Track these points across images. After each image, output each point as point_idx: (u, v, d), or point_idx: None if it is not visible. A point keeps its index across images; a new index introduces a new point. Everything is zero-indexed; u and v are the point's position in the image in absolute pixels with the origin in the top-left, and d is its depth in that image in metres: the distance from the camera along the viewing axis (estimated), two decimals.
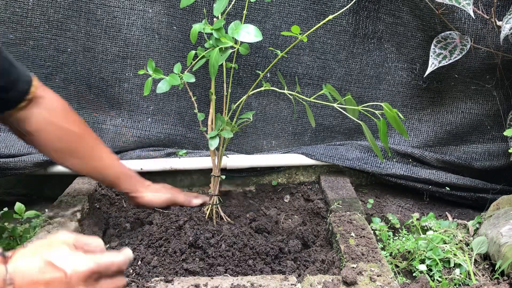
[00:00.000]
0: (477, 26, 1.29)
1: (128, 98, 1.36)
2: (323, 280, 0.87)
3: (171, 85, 0.98)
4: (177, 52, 1.33)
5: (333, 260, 1.01)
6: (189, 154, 1.38)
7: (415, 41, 1.34)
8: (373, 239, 1.03)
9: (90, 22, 1.28)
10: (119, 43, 1.30)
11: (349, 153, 1.39)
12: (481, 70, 1.34)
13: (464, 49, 1.22)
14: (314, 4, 1.30)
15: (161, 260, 1.05)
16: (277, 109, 1.41)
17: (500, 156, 1.41)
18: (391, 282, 0.87)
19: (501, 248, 1.02)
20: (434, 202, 1.43)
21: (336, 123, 1.42)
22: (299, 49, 1.34)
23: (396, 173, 1.37)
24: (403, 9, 1.31)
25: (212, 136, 1.02)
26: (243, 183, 1.43)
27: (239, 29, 0.89)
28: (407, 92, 1.40)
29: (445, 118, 1.41)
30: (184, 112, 1.39)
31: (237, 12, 1.28)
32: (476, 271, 1.05)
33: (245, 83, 1.36)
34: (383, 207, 1.38)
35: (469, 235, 1.19)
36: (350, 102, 1.00)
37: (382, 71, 1.38)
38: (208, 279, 0.89)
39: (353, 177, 1.45)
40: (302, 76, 1.37)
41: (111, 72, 1.33)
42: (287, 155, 1.40)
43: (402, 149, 1.38)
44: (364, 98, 1.39)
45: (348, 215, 1.14)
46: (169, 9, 1.29)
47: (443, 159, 1.38)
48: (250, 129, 1.42)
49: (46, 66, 1.30)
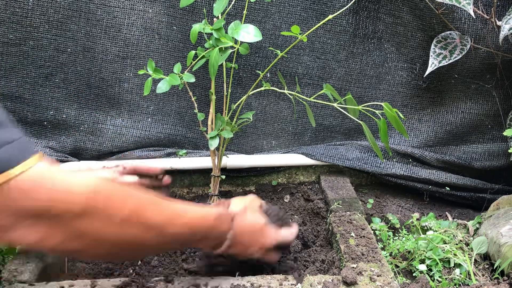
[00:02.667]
0: (477, 26, 1.29)
1: (128, 98, 1.36)
2: (323, 280, 0.87)
3: (171, 85, 0.98)
4: (177, 52, 1.33)
5: (333, 260, 1.01)
6: (189, 154, 1.38)
7: (415, 41, 1.34)
8: (373, 239, 1.03)
9: (90, 22, 1.28)
10: (119, 43, 1.30)
11: (349, 153, 1.39)
12: (481, 70, 1.35)
13: (464, 49, 1.22)
14: (314, 4, 1.30)
15: (161, 260, 1.05)
16: (277, 109, 1.41)
17: (500, 156, 1.41)
18: (391, 282, 0.87)
19: (501, 248, 1.02)
20: (434, 202, 1.43)
21: (336, 123, 1.42)
22: (299, 49, 1.34)
23: (396, 173, 1.37)
24: (403, 9, 1.31)
25: (212, 136, 1.02)
26: (243, 183, 1.43)
27: (239, 29, 0.90)
28: (407, 92, 1.40)
29: (445, 118, 1.41)
30: (184, 112, 1.39)
31: (237, 12, 1.28)
32: (476, 271, 1.05)
33: (245, 83, 1.36)
34: (383, 207, 1.38)
35: (469, 235, 1.19)
36: (351, 102, 1.00)
37: (382, 71, 1.38)
38: (208, 279, 0.89)
39: (353, 177, 1.45)
40: (302, 76, 1.37)
41: (111, 72, 1.33)
42: (287, 155, 1.40)
43: (402, 149, 1.38)
44: (364, 98, 1.39)
45: (348, 215, 1.14)
46: (169, 9, 1.29)
47: (443, 159, 1.38)
48: (250, 129, 1.42)
49: (46, 66, 1.30)
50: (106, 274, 1.03)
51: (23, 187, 0.57)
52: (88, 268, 1.04)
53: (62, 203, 0.60)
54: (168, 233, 0.73)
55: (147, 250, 0.77)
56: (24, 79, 1.30)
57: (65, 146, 1.35)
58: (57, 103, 1.33)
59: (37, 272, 0.95)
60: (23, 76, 1.30)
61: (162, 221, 0.72)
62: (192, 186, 1.42)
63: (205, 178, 1.41)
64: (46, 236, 0.61)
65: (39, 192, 0.59)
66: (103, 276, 1.02)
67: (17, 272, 0.93)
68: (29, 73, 1.30)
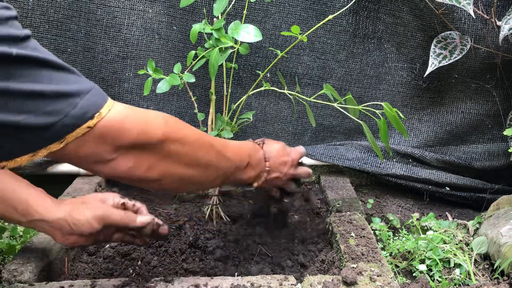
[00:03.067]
0: (477, 26, 1.29)
1: (128, 98, 1.36)
2: (323, 280, 0.87)
3: (171, 85, 0.98)
4: (177, 52, 1.33)
5: (333, 260, 1.01)
6: None
7: (415, 41, 1.34)
8: (373, 239, 1.03)
9: (90, 22, 1.28)
10: (119, 43, 1.30)
11: (349, 153, 1.39)
12: (481, 70, 1.35)
13: (464, 49, 1.22)
14: (314, 4, 1.30)
15: (161, 260, 1.05)
16: (277, 109, 1.41)
17: (500, 156, 1.41)
18: (391, 282, 0.87)
19: (501, 248, 1.02)
20: (434, 202, 1.43)
21: (336, 123, 1.42)
22: (299, 49, 1.34)
23: (396, 173, 1.37)
24: (403, 9, 1.31)
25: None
26: None
27: (239, 29, 0.90)
28: (407, 92, 1.40)
29: (445, 118, 1.41)
30: (184, 112, 1.39)
31: (237, 12, 1.28)
32: (476, 271, 1.05)
33: (245, 83, 1.36)
34: (383, 207, 1.38)
35: (469, 235, 1.19)
36: (351, 102, 1.00)
37: (382, 71, 1.38)
38: (208, 279, 0.89)
39: (353, 177, 1.45)
40: (302, 76, 1.37)
41: (111, 72, 1.33)
42: None
43: (402, 149, 1.38)
44: (364, 98, 1.39)
45: (348, 215, 1.14)
46: (169, 9, 1.29)
47: (443, 159, 1.38)
48: (250, 129, 1.42)
49: None
50: (106, 274, 1.03)
51: (114, 123, 0.65)
52: (88, 268, 1.04)
53: (147, 134, 0.69)
54: (225, 156, 0.84)
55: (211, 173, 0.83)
56: None
57: None
58: None
59: (37, 272, 0.95)
60: None
61: (219, 144, 0.83)
62: None
63: None
64: (136, 165, 0.70)
65: (128, 126, 0.67)
66: (103, 276, 1.02)
67: (17, 272, 0.93)
68: None
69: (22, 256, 0.98)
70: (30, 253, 0.99)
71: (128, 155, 0.68)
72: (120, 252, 1.08)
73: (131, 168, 0.70)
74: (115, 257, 1.08)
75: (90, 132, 0.63)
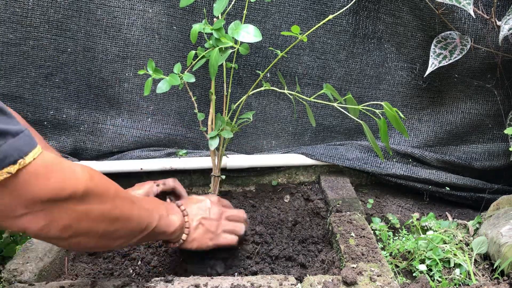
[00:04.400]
0: (477, 26, 1.29)
1: (128, 98, 1.36)
2: (323, 280, 0.87)
3: (171, 85, 0.98)
4: (177, 52, 1.33)
5: (333, 260, 1.01)
6: (189, 154, 1.38)
7: (415, 41, 1.34)
8: (373, 239, 1.03)
9: (90, 22, 1.28)
10: (119, 43, 1.30)
11: (349, 153, 1.39)
12: (481, 70, 1.35)
13: (464, 49, 1.22)
14: (314, 4, 1.30)
15: (161, 260, 1.05)
16: (277, 109, 1.41)
17: (500, 156, 1.41)
18: (391, 282, 0.87)
19: (501, 248, 1.02)
20: (434, 202, 1.43)
21: (336, 123, 1.42)
22: (299, 49, 1.34)
23: (396, 173, 1.37)
24: (403, 9, 1.31)
25: (212, 136, 1.02)
26: (243, 183, 1.43)
27: (239, 29, 0.89)
28: (407, 92, 1.40)
29: (445, 118, 1.41)
30: (184, 112, 1.39)
31: (237, 12, 1.28)
32: (476, 271, 1.05)
33: (245, 83, 1.36)
34: (383, 207, 1.38)
35: (469, 235, 1.19)
36: (351, 102, 1.00)
37: (382, 71, 1.38)
38: (208, 279, 0.89)
39: (353, 177, 1.45)
40: (302, 76, 1.37)
41: (111, 72, 1.33)
42: (287, 155, 1.40)
43: (402, 149, 1.38)
44: (364, 98, 1.39)
45: (348, 215, 1.14)
46: (169, 9, 1.29)
47: (443, 159, 1.38)
48: (250, 129, 1.42)
49: (46, 66, 1.30)
50: (106, 274, 1.03)
51: (36, 173, 0.61)
52: (88, 268, 1.04)
53: (70, 188, 0.65)
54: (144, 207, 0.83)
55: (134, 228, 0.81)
56: (24, 79, 1.30)
57: (65, 146, 1.36)
58: (57, 103, 1.33)
59: (37, 272, 0.95)
60: (23, 76, 1.30)
61: (137, 200, 0.83)
62: (192, 186, 1.42)
63: (205, 178, 1.41)
64: (51, 222, 0.65)
65: (50, 177, 0.63)
66: (103, 276, 1.02)
67: (17, 272, 0.93)
68: (29, 73, 1.30)
69: (22, 256, 0.98)
70: (30, 253, 0.99)
71: (44, 211, 0.63)
72: (120, 252, 1.08)
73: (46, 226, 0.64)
74: (115, 257, 1.08)
75: (11, 179, 0.58)
